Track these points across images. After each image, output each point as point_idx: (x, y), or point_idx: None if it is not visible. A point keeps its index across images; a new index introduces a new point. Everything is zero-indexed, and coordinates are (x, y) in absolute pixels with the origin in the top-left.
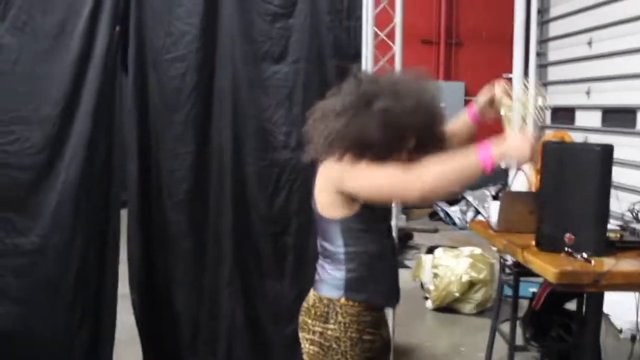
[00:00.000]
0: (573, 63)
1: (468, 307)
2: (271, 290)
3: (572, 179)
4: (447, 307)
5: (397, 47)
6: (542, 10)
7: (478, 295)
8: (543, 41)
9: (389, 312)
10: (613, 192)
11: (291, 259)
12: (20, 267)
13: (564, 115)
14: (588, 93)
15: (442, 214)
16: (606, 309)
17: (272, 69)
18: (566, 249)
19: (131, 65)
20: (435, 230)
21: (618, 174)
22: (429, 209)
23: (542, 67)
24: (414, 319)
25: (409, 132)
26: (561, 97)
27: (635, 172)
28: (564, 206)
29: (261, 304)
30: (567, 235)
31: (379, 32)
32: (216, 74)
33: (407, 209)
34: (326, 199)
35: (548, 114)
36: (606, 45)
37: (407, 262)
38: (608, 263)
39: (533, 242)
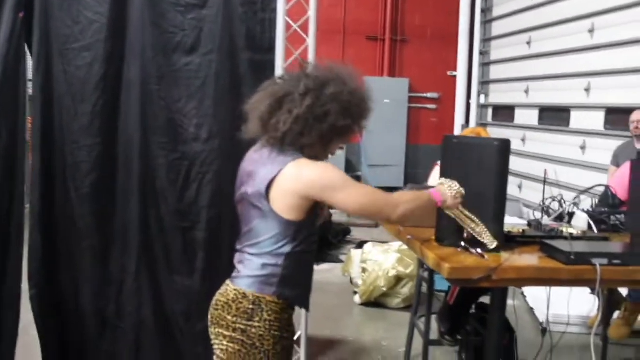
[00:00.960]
0: (513, 62)
1: (395, 302)
2: (181, 286)
3: (470, 173)
4: (375, 302)
5: (310, 40)
6: (486, 10)
7: (405, 290)
8: (486, 40)
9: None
10: (548, 188)
11: (202, 254)
12: None
13: (504, 113)
14: (527, 92)
15: None
16: (531, 303)
17: (183, 61)
18: (462, 244)
19: (35, 53)
20: (376, 225)
21: (551, 171)
22: None
23: (485, 65)
24: (342, 313)
25: (360, 119)
26: (502, 95)
27: (568, 169)
28: (462, 201)
29: (170, 299)
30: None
31: (292, 23)
32: (125, 64)
33: None
34: (290, 201)
35: (489, 112)
36: (544, 45)
37: (341, 257)
38: (503, 258)
39: (434, 237)
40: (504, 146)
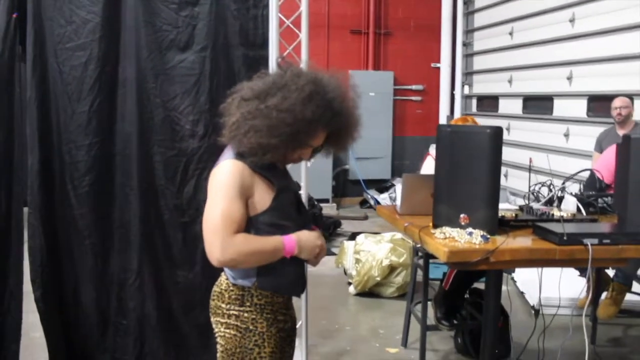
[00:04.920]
0: (496, 52)
1: (389, 291)
2: (182, 279)
3: (464, 161)
4: (370, 292)
5: (303, 35)
6: (468, 1)
7: (399, 279)
8: (469, 31)
9: (302, 298)
10: (533, 176)
11: (202, 247)
12: None
13: (488, 103)
14: (510, 81)
15: (372, 202)
16: (522, 287)
17: (178, 58)
18: (459, 229)
19: (30, 53)
20: (365, 217)
21: (536, 158)
22: (360, 197)
23: (469, 56)
24: (337, 304)
25: (309, 130)
26: (486, 85)
27: (552, 156)
28: (457, 188)
29: (172, 294)
30: (462, 215)
31: (284, 19)
32: (120, 63)
33: (338, 197)
34: None
35: (474, 102)
36: (526, 35)
37: (333, 249)
38: (498, 241)
39: (431, 224)
40: (496, 133)
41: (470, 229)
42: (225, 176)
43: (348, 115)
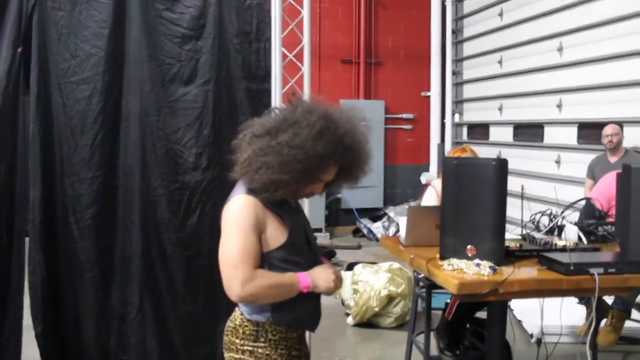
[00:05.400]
0: (486, 81)
1: (388, 321)
2: (185, 314)
3: (470, 192)
4: (368, 322)
5: (305, 68)
6: (456, 31)
7: (397, 309)
8: (458, 60)
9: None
10: (525, 203)
11: (205, 281)
12: None
13: (479, 131)
14: (500, 109)
15: (365, 230)
16: (519, 315)
17: (181, 91)
18: (466, 260)
19: (34, 87)
20: (359, 247)
21: (527, 185)
22: (353, 226)
23: (458, 85)
24: (336, 335)
25: (320, 166)
26: (476, 113)
27: (543, 183)
28: (464, 219)
29: (174, 328)
30: (469, 247)
31: (287, 53)
32: (124, 96)
33: (331, 226)
34: None
35: (464, 130)
36: (515, 64)
37: None
38: (506, 272)
39: (438, 255)
40: (502, 164)
41: (477, 260)
42: (239, 211)
43: (359, 150)
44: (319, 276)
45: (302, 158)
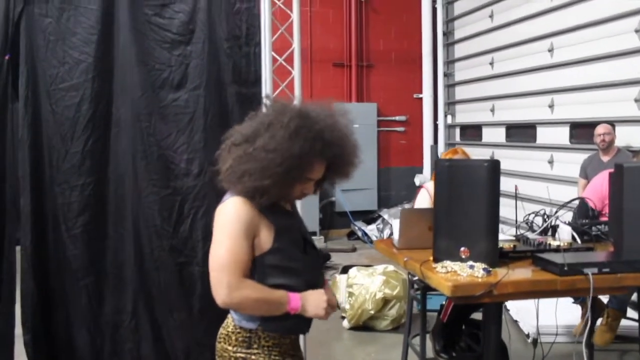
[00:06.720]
0: (478, 82)
1: (384, 324)
2: (180, 322)
3: (463, 194)
4: (364, 325)
5: (295, 72)
6: (447, 33)
7: (393, 312)
8: (450, 62)
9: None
10: (519, 203)
11: (199, 288)
12: None
13: (472, 132)
14: (492, 110)
15: (359, 233)
16: (515, 315)
17: (171, 96)
18: (460, 262)
19: (22, 94)
20: (353, 249)
21: (521, 185)
22: (347, 229)
23: (450, 86)
24: (332, 338)
25: (301, 165)
26: (469, 115)
27: (536, 183)
28: (457, 221)
29: (169, 336)
30: (463, 248)
31: (277, 57)
32: (114, 102)
33: (325, 229)
34: None
35: (457, 131)
36: (506, 65)
37: None
38: (500, 273)
39: (431, 258)
40: (494, 166)
41: (471, 262)
42: (230, 215)
43: (342, 143)
44: (311, 301)
45: (280, 161)
